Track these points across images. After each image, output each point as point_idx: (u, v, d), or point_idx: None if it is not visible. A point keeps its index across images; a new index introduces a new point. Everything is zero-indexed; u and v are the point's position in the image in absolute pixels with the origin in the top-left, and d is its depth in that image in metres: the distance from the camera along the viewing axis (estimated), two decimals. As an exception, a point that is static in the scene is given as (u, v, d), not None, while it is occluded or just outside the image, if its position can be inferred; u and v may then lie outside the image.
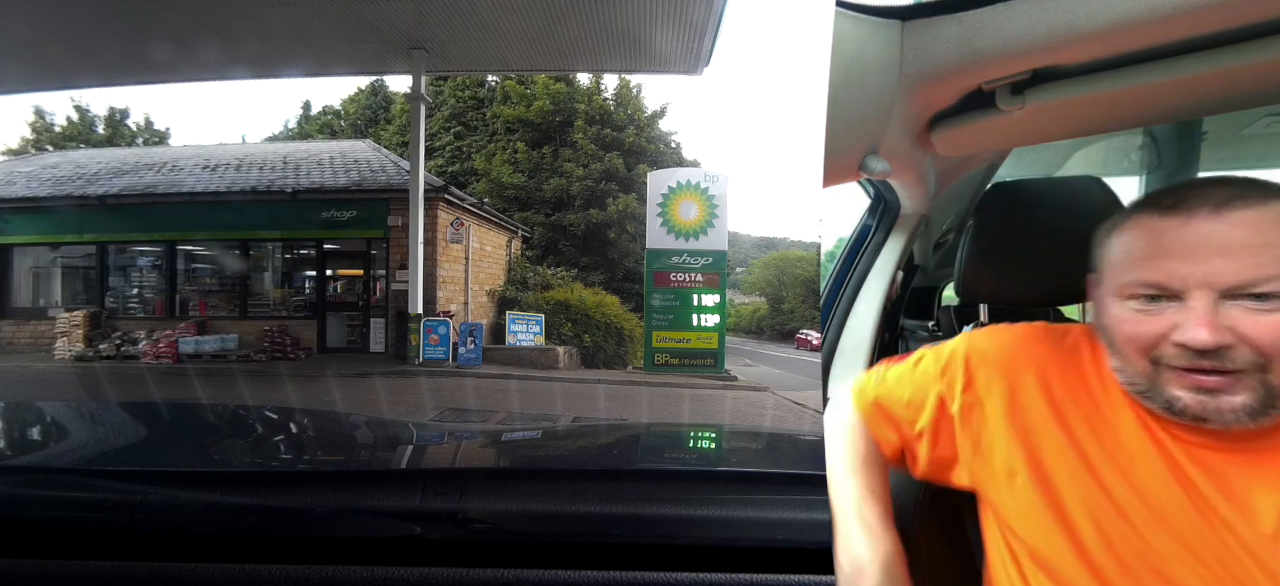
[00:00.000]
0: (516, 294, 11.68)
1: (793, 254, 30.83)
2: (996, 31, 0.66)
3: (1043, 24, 0.63)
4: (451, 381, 7.63)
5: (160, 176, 10.99)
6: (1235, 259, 0.54)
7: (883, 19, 0.69)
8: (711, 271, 9.73)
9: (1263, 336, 0.53)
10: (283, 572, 0.63)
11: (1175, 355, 0.56)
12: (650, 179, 10.17)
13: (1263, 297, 0.53)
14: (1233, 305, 0.54)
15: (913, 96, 0.79)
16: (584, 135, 15.91)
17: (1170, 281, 0.56)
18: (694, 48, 8.23)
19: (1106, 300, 0.63)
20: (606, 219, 15.25)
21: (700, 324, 9.66)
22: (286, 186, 9.83)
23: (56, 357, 9.08)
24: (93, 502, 0.71)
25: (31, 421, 1.32)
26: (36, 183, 11.04)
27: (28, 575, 0.63)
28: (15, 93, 12.78)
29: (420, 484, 0.77)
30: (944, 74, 0.73)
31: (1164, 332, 0.56)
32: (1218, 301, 0.54)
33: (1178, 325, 0.55)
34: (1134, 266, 0.59)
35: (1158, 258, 0.57)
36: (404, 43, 8.30)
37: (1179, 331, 0.55)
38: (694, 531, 0.70)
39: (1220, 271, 0.54)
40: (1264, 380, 0.53)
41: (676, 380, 8.61)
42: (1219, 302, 0.54)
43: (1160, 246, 0.57)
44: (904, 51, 0.70)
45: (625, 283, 14.83)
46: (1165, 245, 0.57)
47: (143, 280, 10.47)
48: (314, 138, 21.56)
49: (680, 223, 9.72)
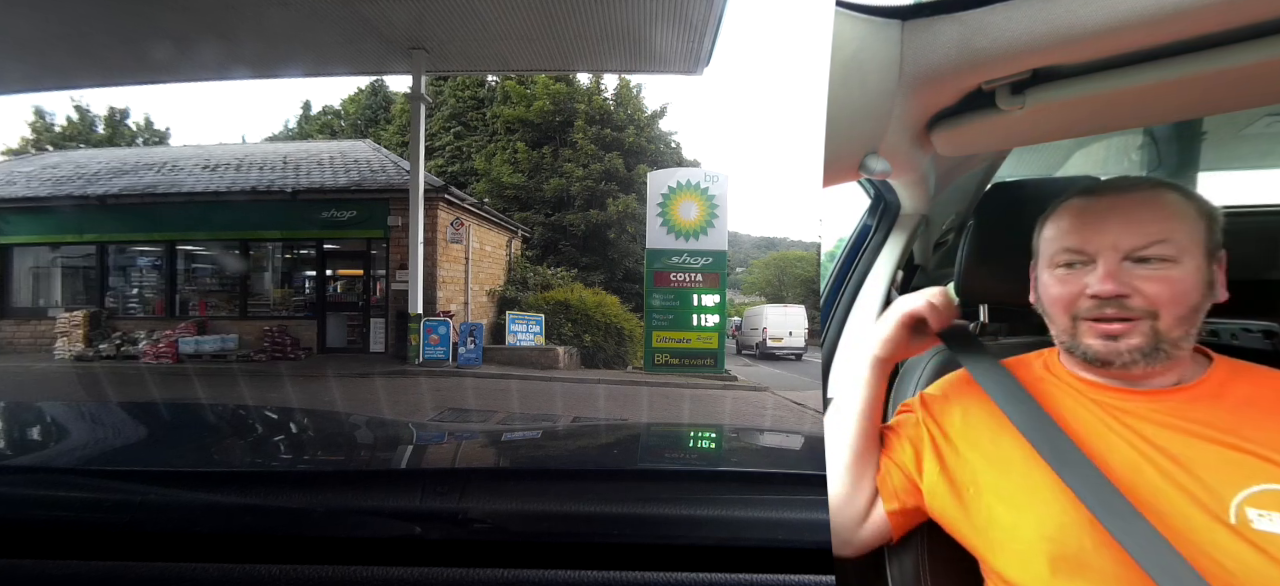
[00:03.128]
0: (516, 294, 11.68)
1: (793, 254, 30.85)
2: (996, 31, 0.66)
3: (1043, 24, 0.63)
4: (451, 381, 7.63)
5: (160, 176, 10.99)
6: (1134, 229, 0.69)
7: (883, 19, 0.69)
8: (711, 271, 9.72)
9: (1151, 289, 0.68)
10: (283, 572, 0.63)
11: (1089, 307, 0.71)
12: (650, 179, 10.17)
13: (1148, 260, 0.68)
14: (1132, 265, 0.69)
15: (913, 96, 0.79)
16: (584, 135, 15.90)
17: (1085, 245, 0.72)
18: (694, 48, 8.23)
19: (1041, 274, 0.78)
20: (606, 219, 15.25)
21: (700, 324, 9.66)
22: (286, 186, 9.83)
23: (56, 357, 9.08)
24: (93, 502, 0.71)
25: (31, 421, 1.32)
26: (36, 183, 11.04)
27: (28, 575, 0.63)
28: (15, 93, 12.78)
29: (420, 484, 0.77)
30: (944, 74, 0.73)
31: (1081, 290, 0.72)
32: (1120, 262, 0.69)
33: (1088, 283, 0.71)
34: (1061, 238, 0.75)
35: (1078, 229, 0.73)
36: (404, 43, 8.30)
37: (1090, 286, 0.71)
38: (694, 531, 0.70)
39: (1122, 237, 0.69)
40: (1154, 327, 0.69)
41: (676, 380, 8.60)
42: (1121, 263, 0.69)
43: (1081, 221, 0.73)
44: (904, 51, 0.70)
45: (625, 283, 14.83)
46: (1084, 220, 0.73)
47: (143, 280, 10.47)
48: (314, 138, 21.55)
49: (680, 223, 9.72)
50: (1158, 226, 0.68)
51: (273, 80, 24.01)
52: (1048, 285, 0.76)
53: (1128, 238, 0.69)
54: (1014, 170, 1.65)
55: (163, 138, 24.50)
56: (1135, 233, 0.69)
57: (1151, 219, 0.69)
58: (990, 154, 1.34)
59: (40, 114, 22.80)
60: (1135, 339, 0.69)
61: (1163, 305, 0.68)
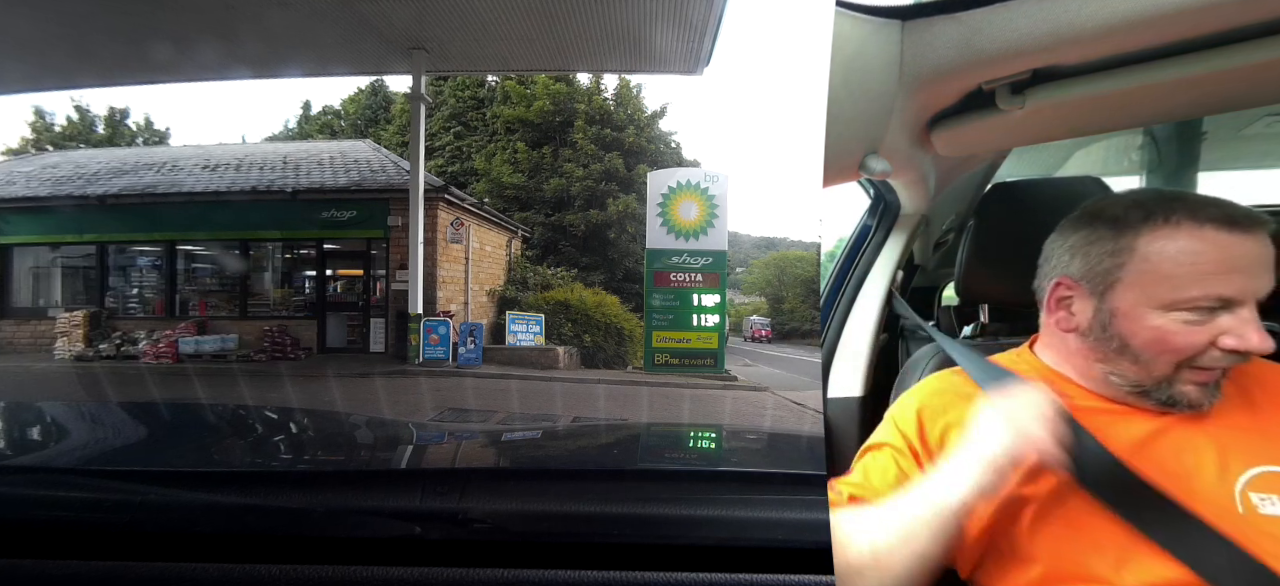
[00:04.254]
0: (516, 294, 11.67)
1: (793, 254, 30.81)
2: (996, 31, 0.66)
3: (1043, 24, 0.63)
4: (451, 381, 7.62)
5: (160, 176, 10.98)
6: (1269, 274, 0.62)
7: (883, 19, 0.69)
8: (711, 271, 9.72)
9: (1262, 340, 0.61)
10: (283, 572, 0.63)
11: (1217, 357, 0.62)
12: (650, 179, 10.17)
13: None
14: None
15: (913, 96, 0.79)
16: (584, 135, 15.90)
17: (1239, 295, 0.61)
18: (694, 48, 8.22)
19: (1136, 310, 0.64)
20: (606, 219, 15.24)
21: (700, 324, 9.65)
22: (286, 186, 9.82)
23: (56, 357, 9.07)
24: (93, 502, 0.71)
25: (31, 421, 1.32)
26: (36, 183, 11.03)
27: (28, 575, 0.63)
28: (15, 93, 12.77)
29: (420, 484, 0.77)
30: (944, 74, 0.73)
31: (1210, 339, 0.62)
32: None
33: (1226, 331, 0.61)
34: (1203, 281, 0.61)
35: (1230, 273, 0.61)
36: (404, 43, 8.29)
37: (1233, 338, 0.61)
38: (694, 531, 0.70)
39: (1264, 285, 0.61)
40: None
41: (676, 380, 8.60)
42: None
43: (1228, 260, 0.61)
44: (904, 51, 0.70)
45: (625, 283, 14.82)
46: (1232, 259, 0.61)
47: (143, 280, 10.46)
48: (314, 138, 21.53)
49: (680, 223, 9.72)
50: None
51: (273, 80, 24.02)
52: (1162, 331, 0.63)
53: (1266, 285, 0.62)
54: (1014, 170, 1.65)
55: (163, 138, 24.47)
56: (1268, 279, 0.62)
57: (1274, 262, 0.62)
58: (990, 154, 1.34)
59: (40, 114, 22.77)
60: (1218, 381, 0.65)
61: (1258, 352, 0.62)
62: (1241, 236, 0.61)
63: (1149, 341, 0.64)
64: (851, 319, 1.51)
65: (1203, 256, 0.61)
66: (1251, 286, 0.61)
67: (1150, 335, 0.64)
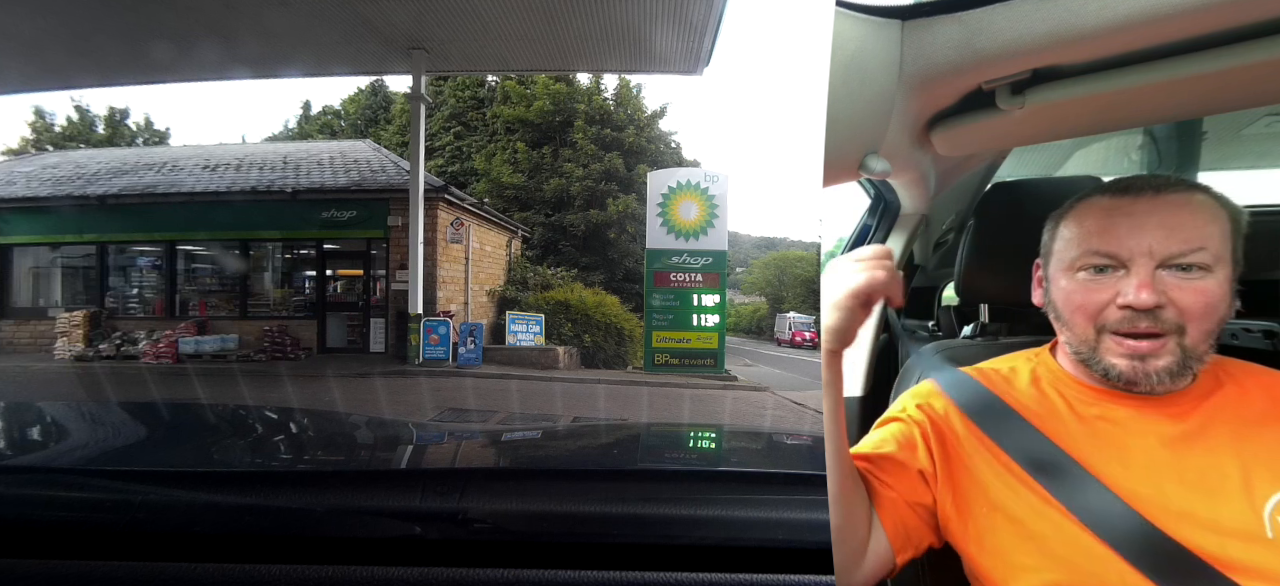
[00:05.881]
0: (516, 294, 11.68)
1: (793, 254, 30.85)
2: (996, 31, 0.65)
3: (1043, 24, 0.63)
4: (451, 381, 7.63)
5: (160, 176, 10.99)
6: (1173, 234, 0.64)
7: (883, 19, 0.69)
8: (711, 271, 9.73)
9: (1186, 300, 0.63)
10: (283, 572, 0.63)
11: (1119, 318, 0.65)
12: (650, 179, 10.18)
13: (1187, 269, 0.63)
14: (1165, 273, 0.64)
15: (913, 96, 0.78)
16: (584, 135, 15.91)
17: (1118, 250, 0.66)
18: (694, 48, 8.23)
19: (1056, 277, 0.72)
20: (606, 219, 15.25)
21: (700, 324, 9.66)
22: (286, 186, 9.83)
23: (56, 357, 9.08)
24: (93, 502, 0.71)
25: (31, 421, 1.31)
26: (36, 183, 11.04)
27: (28, 575, 0.63)
28: (15, 93, 12.77)
29: (420, 484, 0.77)
30: (944, 74, 0.73)
31: (1109, 299, 0.66)
32: (1155, 270, 0.64)
33: (1121, 291, 0.65)
34: (1087, 240, 0.68)
35: (1109, 231, 0.67)
36: (404, 43, 8.30)
37: (1123, 294, 0.65)
38: (694, 531, 0.70)
39: (1160, 242, 0.64)
40: (1181, 343, 0.64)
41: (676, 380, 8.61)
42: (1156, 271, 0.64)
43: (1111, 221, 0.67)
44: (904, 51, 0.70)
45: (625, 283, 14.83)
46: (1115, 220, 0.67)
47: (143, 280, 10.48)
48: (314, 138, 21.57)
49: (680, 223, 9.72)
50: (1196, 232, 0.63)
51: (273, 80, 24.00)
52: (1069, 291, 0.70)
53: (1166, 243, 0.64)
54: (1014, 170, 1.65)
55: (163, 138, 24.52)
56: (1174, 238, 0.63)
57: (1190, 223, 0.64)
58: (990, 154, 1.34)
59: (40, 114, 22.84)
60: (1164, 360, 0.64)
61: (1194, 318, 0.63)
62: (1130, 199, 0.66)
63: (1063, 302, 0.71)
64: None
65: (1090, 219, 0.69)
66: (1133, 244, 0.65)
67: (1062, 296, 0.71)
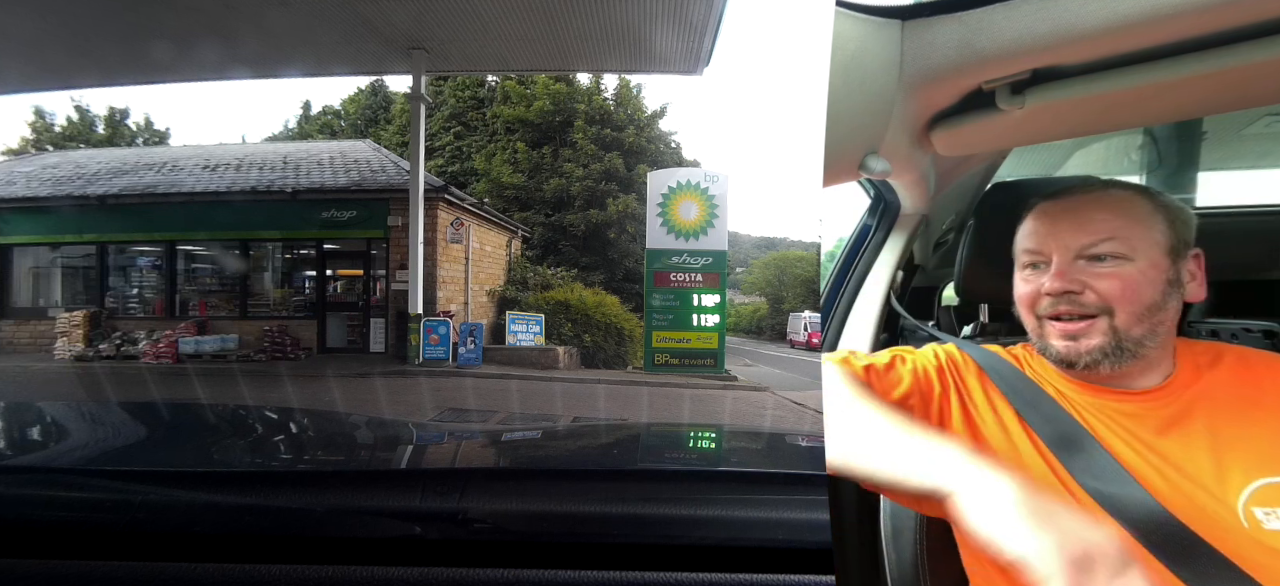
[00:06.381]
0: (516, 294, 11.67)
1: (793, 254, 30.82)
2: (996, 31, 0.66)
3: (1043, 24, 0.63)
4: (451, 381, 7.63)
5: (160, 176, 10.99)
6: (1084, 228, 0.71)
7: (883, 19, 0.69)
8: (711, 271, 9.72)
9: (1102, 285, 0.70)
10: (283, 572, 0.63)
11: (1045, 304, 0.74)
12: (650, 179, 10.17)
13: (1101, 258, 0.70)
14: (1085, 264, 0.71)
15: (913, 96, 0.79)
16: (584, 135, 15.90)
17: (1042, 246, 0.74)
18: (694, 48, 8.23)
19: (1015, 278, 0.80)
20: (606, 219, 15.25)
21: (700, 324, 9.65)
22: (286, 186, 9.83)
23: (56, 357, 9.08)
24: (93, 502, 0.71)
25: (31, 421, 1.32)
26: (36, 183, 11.03)
27: (28, 575, 0.63)
28: (15, 93, 12.78)
29: (420, 484, 0.77)
30: (944, 74, 0.73)
31: (1039, 290, 0.74)
32: (1073, 261, 0.71)
33: (1043, 282, 0.74)
34: (1024, 241, 0.78)
35: (1037, 232, 0.76)
36: (404, 43, 8.30)
37: (1044, 284, 0.73)
38: (694, 531, 0.70)
39: (1072, 236, 0.72)
40: (1113, 326, 0.70)
41: (676, 380, 8.60)
42: (1074, 262, 0.71)
43: (1039, 224, 0.76)
44: (904, 51, 0.70)
45: (625, 283, 14.83)
46: (1042, 222, 0.75)
47: (143, 280, 10.47)
48: (314, 138, 21.55)
49: (680, 223, 9.72)
50: (1106, 224, 0.70)
51: (273, 80, 23.99)
52: (1017, 288, 0.79)
53: (1077, 236, 0.71)
54: (1014, 170, 1.65)
55: (163, 138, 24.50)
56: (1085, 231, 0.71)
57: (1101, 217, 0.71)
58: (990, 154, 1.34)
59: (40, 114, 22.81)
60: (1095, 339, 0.70)
61: (1115, 301, 0.69)
62: (1055, 202, 0.75)
63: (1016, 298, 0.79)
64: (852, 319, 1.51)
65: (1029, 223, 0.78)
66: (1052, 240, 0.73)
67: (1015, 294, 0.79)
